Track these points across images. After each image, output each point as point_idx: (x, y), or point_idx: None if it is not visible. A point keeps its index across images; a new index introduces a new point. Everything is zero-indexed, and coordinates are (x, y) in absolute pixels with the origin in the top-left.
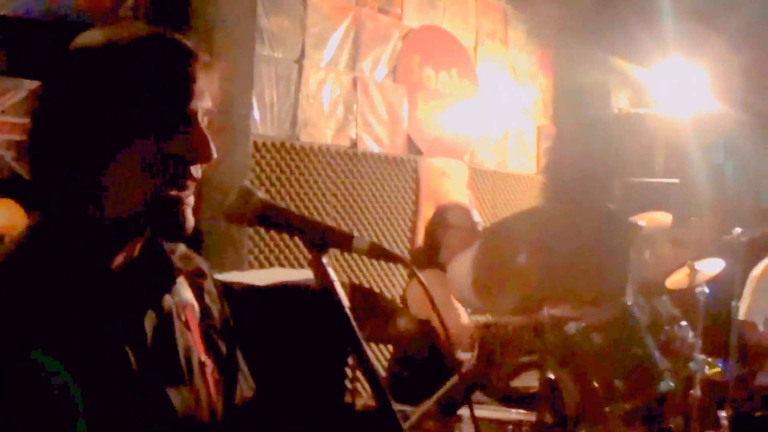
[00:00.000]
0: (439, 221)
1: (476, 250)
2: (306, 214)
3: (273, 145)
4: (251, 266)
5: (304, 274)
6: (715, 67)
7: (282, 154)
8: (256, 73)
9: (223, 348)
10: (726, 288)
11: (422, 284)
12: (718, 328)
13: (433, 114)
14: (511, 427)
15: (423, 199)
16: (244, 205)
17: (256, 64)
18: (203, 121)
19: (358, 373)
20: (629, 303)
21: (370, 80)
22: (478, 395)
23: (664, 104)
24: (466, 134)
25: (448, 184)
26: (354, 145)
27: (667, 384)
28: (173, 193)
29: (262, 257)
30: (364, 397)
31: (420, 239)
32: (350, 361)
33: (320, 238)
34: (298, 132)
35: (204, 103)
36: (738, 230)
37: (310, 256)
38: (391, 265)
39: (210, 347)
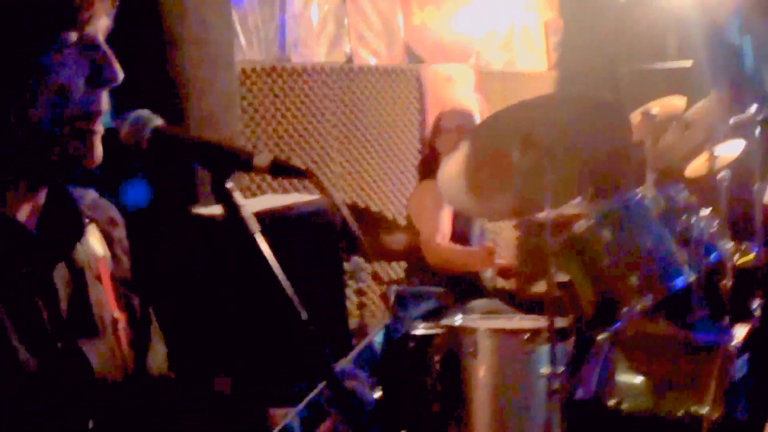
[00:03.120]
0: (436, 127)
1: (466, 151)
2: (306, 137)
3: (263, 69)
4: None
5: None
6: None
7: (273, 78)
8: None
9: (135, 302)
10: (748, 170)
11: (324, 189)
12: (744, 212)
13: (430, 19)
14: (527, 336)
15: (430, 108)
16: (136, 135)
17: None
18: (101, 38)
19: None
20: (638, 193)
21: None
22: (497, 303)
23: None
24: (468, 36)
25: (455, 90)
26: (349, 60)
27: (686, 277)
28: (80, 124)
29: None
30: None
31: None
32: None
33: (218, 161)
34: (288, 54)
35: (101, 21)
36: (754, 107)
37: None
38: (399, 180)
39: (122, 301)
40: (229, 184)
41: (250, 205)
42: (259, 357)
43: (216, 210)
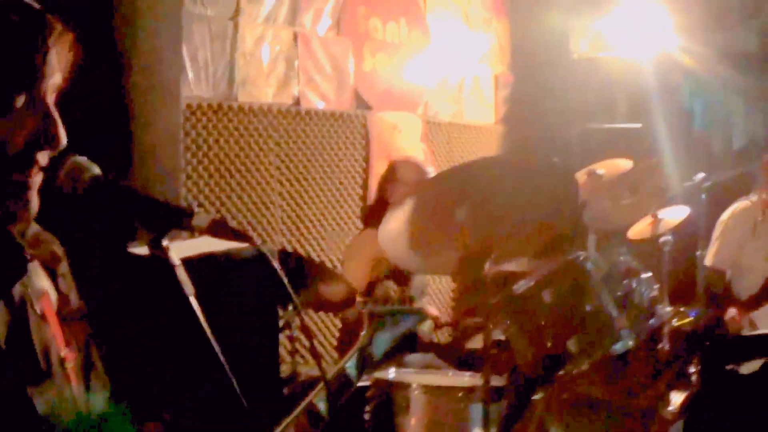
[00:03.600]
0: (388, 177)
1: (411, 206)
2: (248, 178)
3: (209, 106)
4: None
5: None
6: (675, 4)
7: (219, 116)
8: (188, 33)
9: (83, 337)
10: (691, 236)
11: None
12: (684, 277)
13: (381, 66)
14: (461, 394)
15: (374, 155)
16: (73, 182)
17: (187, 23)
18: (51, 100)
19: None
20: (580, 256)
21: (312, 34)
22: (432, 358)
23: (624, 47)
24: (418, 86)
25: (401, 139)
26: (297, 103)
27: (625, 343)
28: (16, 177)
29: None
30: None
31: (373, 197)
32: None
33: (157, 219)
34: (236, 92)
35: (54, 80)
36: (701, 175)
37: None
38: (340, 227)
39: (72, 339)
40: (165, 242)
41: (190, 246)
42: (190, 404)
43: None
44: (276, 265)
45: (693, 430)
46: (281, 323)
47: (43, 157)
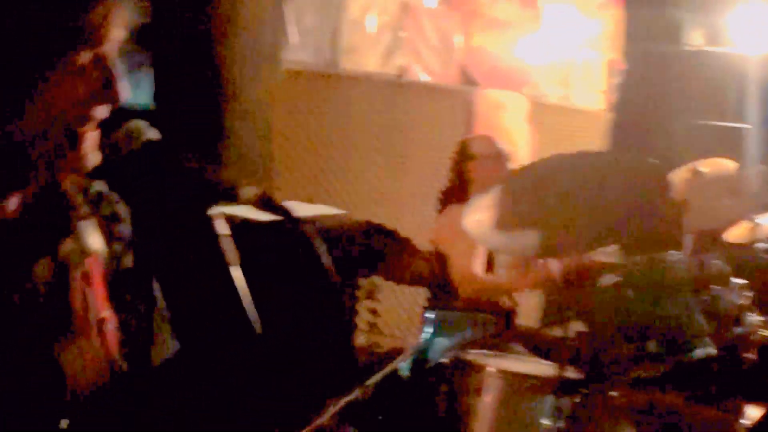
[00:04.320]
0: (463, 153)
1: (501, 190)
2: (347, 147)
3: (311, 72)
4: None
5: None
6: None
7: (320, 83)
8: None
9: (134, 299)
10: None
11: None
12: None
13: (490, 43)
14: (535, 382)
15: (478, 132)
16: (129, 143)
17: None
18: (113, 54)
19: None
20: (670, 256)
21: (421, 6)
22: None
23: (740, 42)
24: (527, 66)
25: (506, 118)
26: (401, 74)
27: (705, 350)
28: (73, 128)
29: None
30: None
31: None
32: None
33: (203, 188)
34: (339, 60)
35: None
36: None
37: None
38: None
39: (116, 300)
40: (212, 212)
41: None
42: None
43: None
44: (321, 247)
45: None
46: (363, 293)
47: (101, 111)
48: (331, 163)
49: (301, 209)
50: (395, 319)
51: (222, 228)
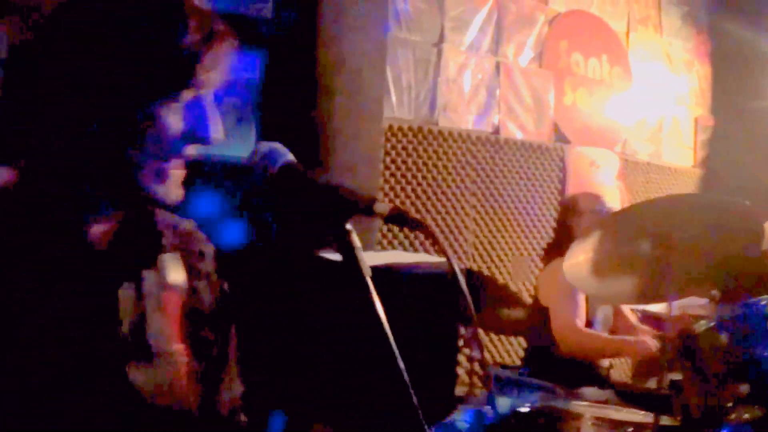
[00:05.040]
0: (570, 208)
1: (598, 236)
2: (444, 201)
3: (410, 128)
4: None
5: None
6: None
7: (419, 139)
8: (393, 56)
9: (210, 336)
10: None
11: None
12: None
13: (581, 101)
14: (631, 429)
15: (570, 189)
16: (267, 165)
17: (392, 47)
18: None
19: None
20: (762, 301)
21: (514, 65)
22: (608, 393)
23: None
24: (617, 123)
25: (598, 175)
26: (496, 131)
27: None
28: (162, 164)
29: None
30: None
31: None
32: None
33: (339, 203)
34: (436, 117)
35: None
36: None
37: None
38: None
39: (191, 335)
40: (348, 226)
41: (375, 258)
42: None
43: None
44: (460, 278)
45: None
46: (460, 342)
47: (191, 150)
48: (430, 216)
49: (404, 257)
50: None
51: (356, 241)
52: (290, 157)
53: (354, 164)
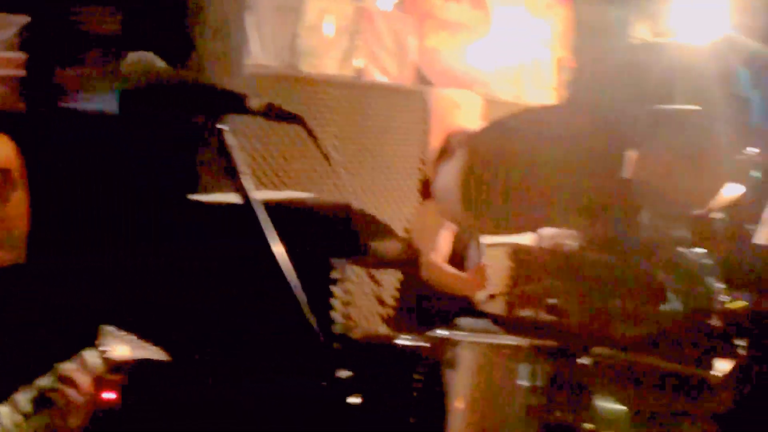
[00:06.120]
0: (446, 149)
1: (461, 164)
2: (307, 148)
3: (272, 76)
4: None
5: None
6: None
7: (281, 86)
8: (253, 4)
9: None
10: (745, 213)
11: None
12: (738, 256)
13: (443, 44)
14: (509, 352)
15: (434, 131)
16: (137, 71)
17: None
18: None
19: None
20: (631, 223)
21: (376, 9)
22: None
23: (685, 32)
24: (479, 66)
25: (461, 117)
26: (359, 76)
27: (673, 304)
28: None
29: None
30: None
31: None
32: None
33: (213, 101)
34: (298, 62)
35: None
36: (753, 150)
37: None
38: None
39: None
40: (223, 126)
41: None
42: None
43: (217, 198)
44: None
45: (743, 400)
46: (336, 276)
47: None
48: (297, 162)
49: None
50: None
51: (231, 140)
52: (160, 63)
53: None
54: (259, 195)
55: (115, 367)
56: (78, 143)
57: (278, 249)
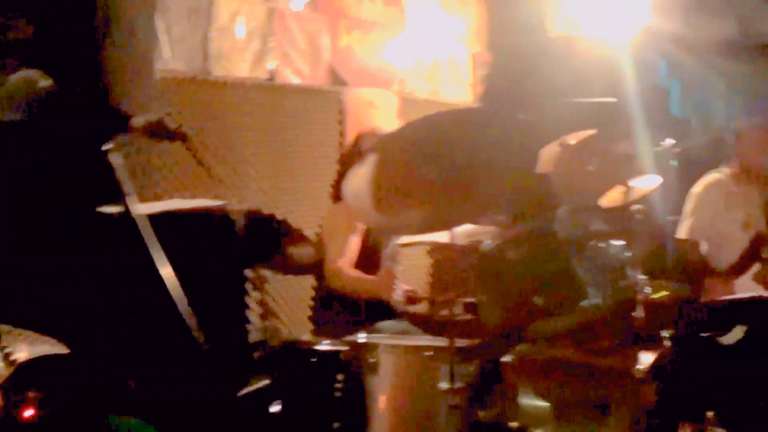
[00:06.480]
0: (356, 149)
1: (374, 164)
2: (222, 152)
3: (184, 80)
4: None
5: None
6: None
7: (193, 89)
8: (163, 6)
9: None
10: (662, 204)
11: None
12: (658, 246)
13: (356, 44)
14: (428, 353)
15: (349, 131)
16: (25, 91)
17: None
18: None
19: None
20: (548, 218)
21: (287, 10)
22: (405, 325)
23: (601, 25)
24: (394, 63)
25: (377, 115)
26: (272, 78)
27: (593, 301)
28: None
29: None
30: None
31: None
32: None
33: (98, 120)
34: (210, 66)
35: None
36: (670, 141)
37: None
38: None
39: None
40: (109, 146)
41: (154, 207)
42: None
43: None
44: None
45: (666, 391)
46: (251, 285)
47: None
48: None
49: (181, 203)
50: (286, 310)
51: (116, 161)
52: (47, 82)
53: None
54: (169, 204)
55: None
56: None
57: (162, 261)
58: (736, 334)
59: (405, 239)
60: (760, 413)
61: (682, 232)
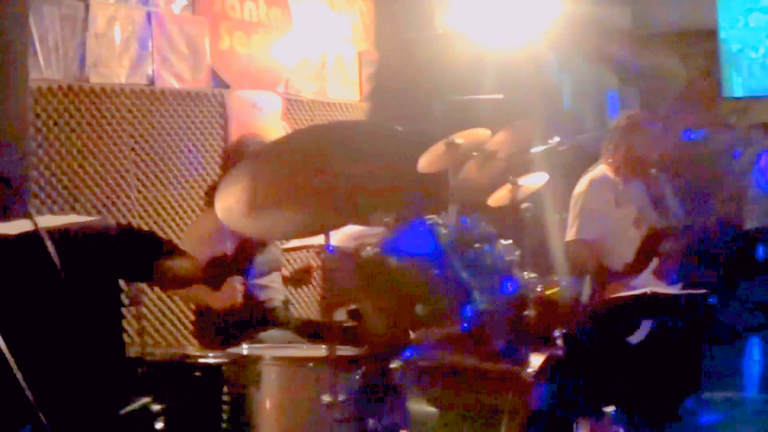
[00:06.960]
0: (234, 152)
1: (249, 170)
2: (102, 160)
3: (59, 88)
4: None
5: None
6: None
7: (71, 98)
8: (38, 14)
9: None
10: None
11: None
12: (547, 244)
13: (239, 45)
14: (311, 364)
15: (233, 134)
16: None
17: (36, 4)
18: None
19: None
20: (426, 221)
21: (167, 13)
22: (288, 334)
23: (489, 20)
24: (278, 64)
25: (261, 117)
26: (151, 83)
27: (477, 305)
28: None
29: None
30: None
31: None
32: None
33: None
34: (87, 74)
35: None
36: (556, 139)
37: None
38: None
39: None
40: None
41: (21, 227)
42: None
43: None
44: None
45: (559, 393)
46: (126, 300)
47: None
48: (89, 178)
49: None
50: (167, 324)
51: None
52: None
53: (3, 131)
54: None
55: None
56: None
57: None
58: (643, 331)
59: (286, 244)
60: (659, 407)
61: (571, 235)
